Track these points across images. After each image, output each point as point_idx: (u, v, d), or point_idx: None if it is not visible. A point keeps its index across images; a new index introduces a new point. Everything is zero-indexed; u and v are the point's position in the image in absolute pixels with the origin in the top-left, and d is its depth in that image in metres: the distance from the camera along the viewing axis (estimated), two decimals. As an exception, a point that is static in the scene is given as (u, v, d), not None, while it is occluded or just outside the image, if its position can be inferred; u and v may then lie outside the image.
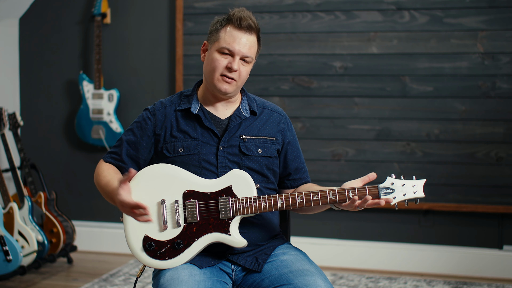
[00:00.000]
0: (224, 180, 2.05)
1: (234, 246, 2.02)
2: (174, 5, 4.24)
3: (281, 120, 2.24)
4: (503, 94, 3.82)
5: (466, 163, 3.88)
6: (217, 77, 2.12)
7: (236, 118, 2.17)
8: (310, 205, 2.01)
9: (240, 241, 2.01)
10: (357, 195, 1.99)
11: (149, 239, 2.02)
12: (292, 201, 2.01)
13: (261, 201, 2.01)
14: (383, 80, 3.96)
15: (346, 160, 4.03)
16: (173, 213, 2.03)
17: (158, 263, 2.02)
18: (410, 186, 2.05)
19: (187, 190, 2.05)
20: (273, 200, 2.01)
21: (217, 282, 2.02)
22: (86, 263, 4.17)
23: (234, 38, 2.09)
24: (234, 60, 2.10)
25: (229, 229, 2.01)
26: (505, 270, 3.87)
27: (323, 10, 4.01)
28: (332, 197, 2.00)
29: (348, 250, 4.09)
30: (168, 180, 2.06)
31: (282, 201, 2.01)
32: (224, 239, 2.02)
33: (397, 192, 2.03)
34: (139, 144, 2.18)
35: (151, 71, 4.34)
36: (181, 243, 2.01)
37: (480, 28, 3.82)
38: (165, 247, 2.01)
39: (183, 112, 2.18)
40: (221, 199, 2.02)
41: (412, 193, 2.05)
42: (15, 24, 4.51)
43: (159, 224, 2.03)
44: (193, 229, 2.02)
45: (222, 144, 2.13)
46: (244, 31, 2.10)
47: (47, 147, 4.52)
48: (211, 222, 2.02)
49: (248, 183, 2.04)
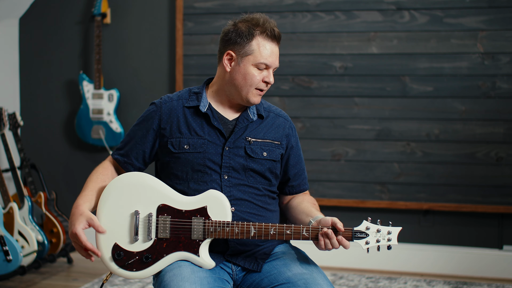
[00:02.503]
0: (200, 199, 2.03)
1: (202, 267, 2.01)
2: (174, 5, 4.24)
3: (287, 125, 2.24)
4: (503, 94, 3.82)
5: (466, 163, 3.88)
6: (252, 91, 2.12)
7: (243, 120, 2.16)
8: (282, 238, 1.99)
9: (209, 263, 2.01)
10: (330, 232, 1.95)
11: (118, 248, 2.02)
12: (264, 232, 1.99)
13: (234, 228, 1.99)
14: (383, 80, 3.96)
15: (346, 160, 4.03)
16: (145, 226, 2.03)
17: (125, 273, 2.03)
18: (385, 233, 1.99)
19: (162, 204, 2.03)
20: (246, 228, 1.99)
21: (218, 279, 2.02)
22: (86, 263, 4.16)
23: (271, 52, 2.10)
24: (270, 73, 2.12)
25: (199, 250, 2.00)
26: (505, 270, 3.87)
27: (323, 10, 4.01)
28: (305, 234, 1.98)
29: (348, 250, 4.09)
30: (144, 190, 2.05)
31: (255, 231, 1.99)
32: (193, 259, 2.01)
33: (370, 237, 1.98)
34: (145, 138, 2.17)
35: (151, 71, 4.34)
36: (149, 257, 2.01)
37: (480, 28, 3.82)
38: (134, 258, 2.02)
39: (191, 109, 2.17)
40: (194, 219, 2.01)
41: (386, 241, 1.99)
42: (15, 24, 4.51)
43: (130, 235, 2.03)
44: (163, 245, 2.02)
45: (228, 145, 2.13)
46: (277, 43, 2.11)
47: (47, 147, 4.52)
48: (181, 241, 2.01)
49: (224, 206, 2.02)
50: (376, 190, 4.00)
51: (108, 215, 2.05)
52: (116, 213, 2.04)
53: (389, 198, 3.98)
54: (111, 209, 2.05)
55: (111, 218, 2.05)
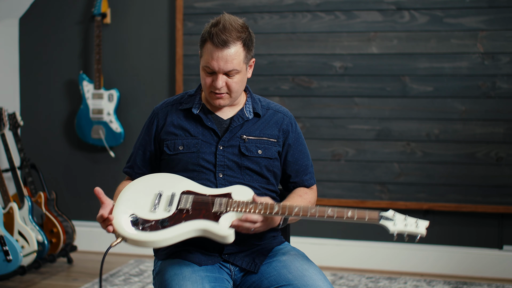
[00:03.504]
0: (225, 189, 2.06)
1: (219, 234, 1.93)
2: (174, 5, 4.24)
3: (285, 120, 2.22)
4: (503, 94, 3.82)
5: (466, 163, 3.88)
6: (208, 93, 2.13)
7: (238, 118, 2.16)
8: (306, 216, 1.95)
9: (225, 232, 1.92)
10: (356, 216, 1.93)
11: (135, 216, 1.99)
12: (289, 210, 1.96)
13: (258, 205, 1.97)
14: (383, 80, 3.96)
15: (346, 160, 4.03)
16: (167, 201, 2.02)
17: (138, 234, 1.93)
18: (412, 222, 1.94)
19: (186, 190, 2.05)
20: (270, 206, 1.97)
21: (219, 279, 2.02)
22: (86, 263, 4.17)
23: (212, 56, 2.05)
24: (217, 78, 2.07)
25: (219, 219, 1.96)
26: (505, 270, 3.87)
27: (323, 10, 4.01)
28: (330, 213, 1.95)
29: (348, 250, 4.09)
30: (171, 180, 2.08)
31: (278, 208, 1.96)
32: (211, 227, 1.94)
33: (397, 222, 1.93)
34: (149, 146, 2.21)
35: (151, 71, 4.34)
36: (166, 221, 1.96)
37: (480, 28, 3.82)
38: (150, 223, 1.96)
39: (185, 112, 2.19)
40: (217, 198, 2.01)
41: (414, 227, 1.93)
42: (15, 24, 4.51)
43: (150, 207, 2.02)
44: (182, 215, 1.98)
45: (222, 144, 2.13)
46: (221, 48, 2.04)
47: (47, 147, 4.52)
48: (202, 213, 1.98)
49: (249, 193, 2.02)
50: (376, 190, 4.00)
51: (130, 195, 2.05)
52: (139, 194, 2.04)
53: (389, 198, 3.98)
54: (135, 190, 2.06)
55: (133, 196, 2.04)
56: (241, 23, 2.09)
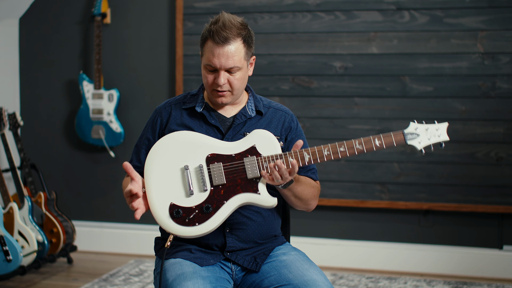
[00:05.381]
0: (246, 141, 2.04)
1: (265, 205, 1.98)
2: (174, 5, 4.24)
3: (287, 118, 2.24)
4: (503, 94, 3.82)
5: (466, 163, 3.88)
6: (210, 92, 2.14)
7: (241, 116, 2.18)
8: (338, 157, 1.99)
9: (270, 200, 1.98)
10: (383, 143, 1.99)
11: (175, 207, 1.98)
12: (319, 154, 1.99)
13: (288, 157, 1.99)
14: (383, 80, 3.96)
15: (346, 160, 4.03)
16: (198, 178, 2.01)
17: (188, 229, 1.96)
18: (434, 130, 2.04)
19: (210, 154, 2.03)
20: (300, 155, 1.99)
21: (220, 279, 2.03)
22: (86, 263, 4.17)
23: (213, 54, 2.07)
24: (219, 75, 2.09)
25: (258, 188, 1.99)
26: (505, 270, 3.87)
27: (323, 10, 4.01)
28: (358, 147, 1.99)
29: (348, 250, 4.09)
30: (188, 146, 2.05)
31: (309, 155, 1.99)
32: (254, 199, 1.98)
33: (422, 136, 2.03)
34: (152, 144, 2.18)
35: (151, 71, 4.34)
36: (209, 207, 1.97)
37: (480, 28, 3.82)
38: (193, 213, 1.97)
39: (188, 111, 2.20)
40: (246, 159, 2.00)
41: (436, 137, 2.04)
42: (15, 24, 4.51)
43: (184, 190, 2.00)
44: (221, 192, 1.99)
45: (226, 141, 2.13)
46: (222, 44, 2.06)
47: (47, 147, 4.52)
48: (238, 183, 1.99)
49: (272, 141, 2.03)
50: (376, 190, 4.00)
51: (158, 176, 2.02)
52: (165, 173, 2.01)
53: (389, 198, 3.98)
54: (160, 169, 2.02)
55: (161, 178, 2.01)
56: (240, 20, 2.12)
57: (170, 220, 1.97)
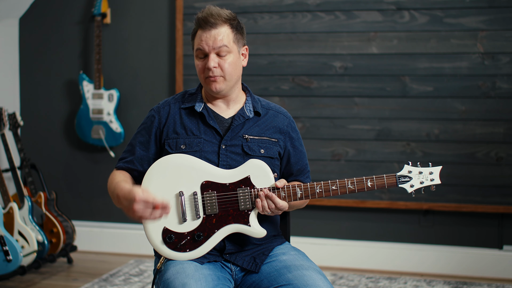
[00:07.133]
0: (241, 170, 2.06)
1: (254, 236, 2.05)
2: (174, 5, 4.24)
3: (286, 122, 2.24)
4: (503, 94, 3.82)
5: (466, 163, 3.88)
6: (203, 80, 2.15)
7: (239, 117, 2.17)
8: (329, 195, 2.04)
9: (260, 232, 2.04)
10: (375, 184, 2.03)
11: (168, 232, 2.04)
12: (311, 191, 2.04)
13: (280, 192, 2.03)
14: (383, 80, 3.96)
15: (346, 160, 4.03)
16: (192, 205, 2.04)
17: (179, 255, 2.04)
18: (427, 174, 2.09)
19: (204, 181, 2.05)
20: (292, 191, 2.03)
21: (222, 277, 2.03)
22: (86, 263, 4.17)
23: (201, 39, 2.11)
24: (209, 58, 2.11)
25: (249, 220, 2.04)
26: (505, 270, 3.87)
27: (323, 10, 4.01)
28: (350, 186, 2.03)
29: (348, 250, 4.09)
30: (184, 171, 2.07)
31: (301, 192, 2.04)
32: (244, 230, 2.04)
33: (414, 180, 2.08)
34: (148, 144, 2.19)
35: (151, 71, 4.34)
36: (201, 235, 2.03)
37: (480, 28, 3.82)
38: (185, 239, 2.03)
39: (187, 110, 2.19)
40: (240, 190, 2.04)
41: (429, 180, 2.09)
42: (15, 24, 4.51)
43: (178, 216, 2.04)
44: (213, 221, 2.04)
45: (224, 143, 2.13)
46: (209, 29, 2.10)
47: (47, 147, 4.52)
48: (230, 213, 2.04)
49: (266, 173, 2.05)
50: (376, 190, 4.00)
51: None
52: (161, 197, 2.03)
53: (389, 198, 3.98)
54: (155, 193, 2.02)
55: None
56: (228, 12, 2.17)
57: (163, 245, 2.05)
